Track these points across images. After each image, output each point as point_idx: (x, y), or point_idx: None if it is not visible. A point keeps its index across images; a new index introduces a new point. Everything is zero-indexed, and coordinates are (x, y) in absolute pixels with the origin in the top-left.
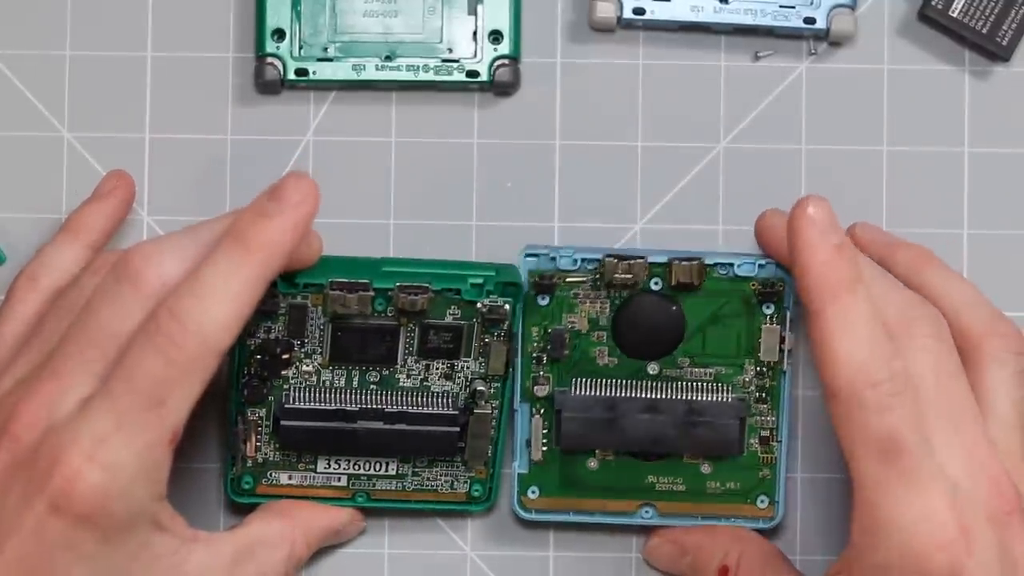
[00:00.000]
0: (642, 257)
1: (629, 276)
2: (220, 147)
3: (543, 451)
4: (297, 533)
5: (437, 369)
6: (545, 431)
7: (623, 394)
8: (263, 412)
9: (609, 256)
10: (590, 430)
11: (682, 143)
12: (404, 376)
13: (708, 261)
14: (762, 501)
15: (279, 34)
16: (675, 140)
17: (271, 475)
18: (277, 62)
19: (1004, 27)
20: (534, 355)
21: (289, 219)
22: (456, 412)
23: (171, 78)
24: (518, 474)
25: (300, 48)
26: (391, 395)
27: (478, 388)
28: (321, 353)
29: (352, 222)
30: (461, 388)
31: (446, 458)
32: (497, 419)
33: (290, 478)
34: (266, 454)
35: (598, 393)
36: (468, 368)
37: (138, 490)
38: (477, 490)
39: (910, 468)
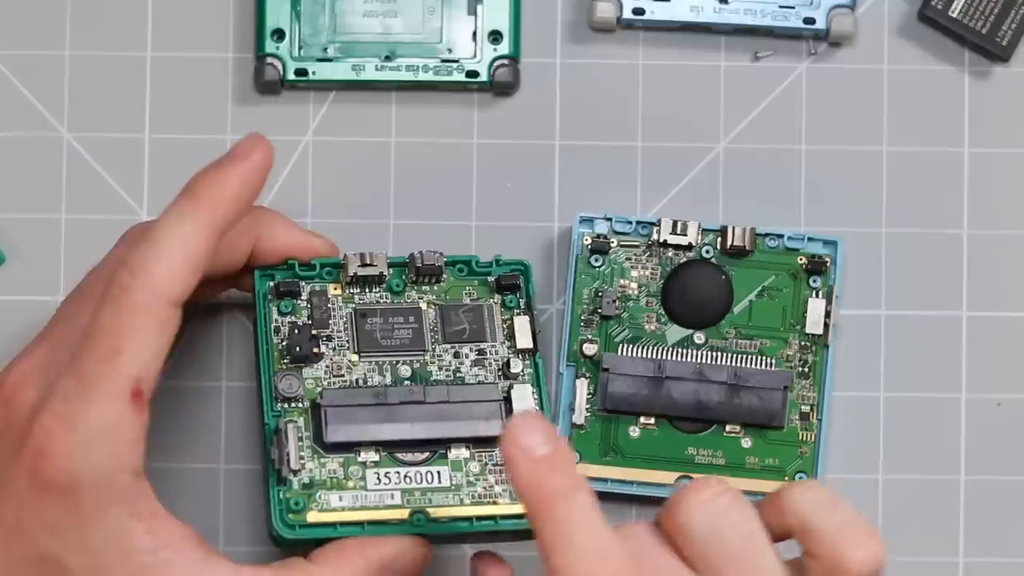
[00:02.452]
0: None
1: (684, 237)
2: (220, 147)
3: (585, 416)
4: None
5: (467, 356)
6: (589, 395)
7: (670, 358)
8: (301, 422)
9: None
10: (636, 391)
11: (682, 143)
12: (436, 368)
13: (759, 231)
14: (800, 478)
15: (279, 34)
16: (675, 140)
17: (321, 497)
18: (277, 62)
19: (1004, 27)
20: (583, 317)
21: (236, 169)
22: (494, 388)
23: (171, 78)
24: None
25: (300, 48)
26: (428, 390)
27: (511, 360)
28: (349, 346)
29: (352, 222)
30: (495, 375)
31: (490, 443)
32: (537, 398)
33: (340, 499)
34: (311, 471)
35: (646, 355)
36: (497, 352)
37: (101, 447)
38: None
39: None
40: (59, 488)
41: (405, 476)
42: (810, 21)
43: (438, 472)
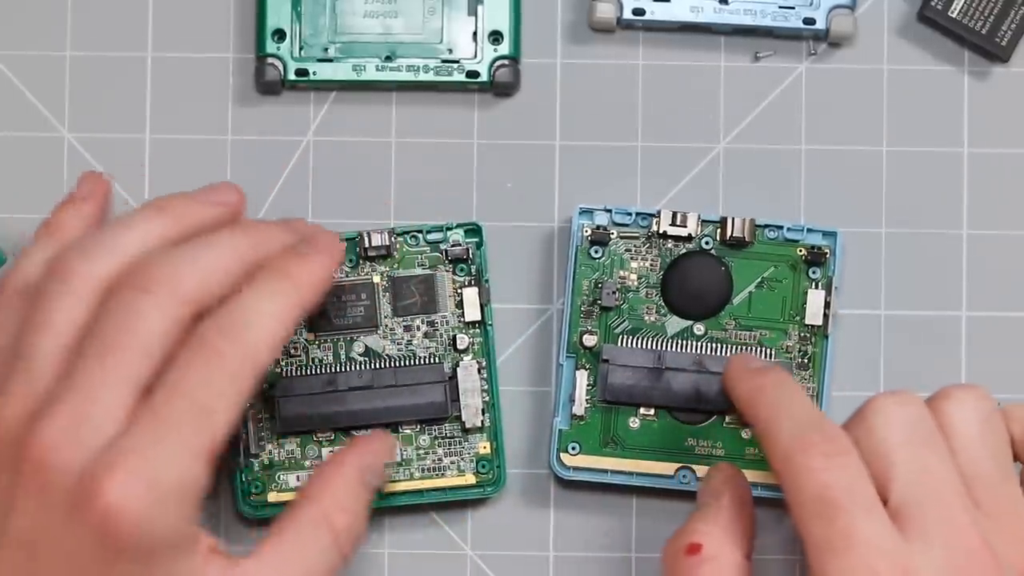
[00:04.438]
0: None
1: (684, 228)
2: (220, 147)
3: (585, 407)
4: (328, 507)
5: (419, 329)
6: (590, 386)
7: (670, 349)
8: (260, 406)
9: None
10: (636, 382)
11: (682, 143)
12: (388, 343)
13: (759, 222)
14: None
15: (279, 34)
16: (675, 140)
17: (280, 478)
18: (277, 62)
19: (1004, 27)
20: (583, 308)
21: (323, 259)
22: (441, 366)
23: (171, 78)
24: (559, 430)
25: (300, 48)
26: (379, 364)
27: (458, 336)
28: (304, 325)
29: (352, 222)
30: (446, 347)
31: (439, 420)
32: (487, 374)
33: (298, 479)
34: (271, 452)
35: (646, 347)
36: (448, 323)
37: (177, 506)
38: (483, 466)
39: (848, 527)
40: (132, 549)
41: None
42: (810, 21)
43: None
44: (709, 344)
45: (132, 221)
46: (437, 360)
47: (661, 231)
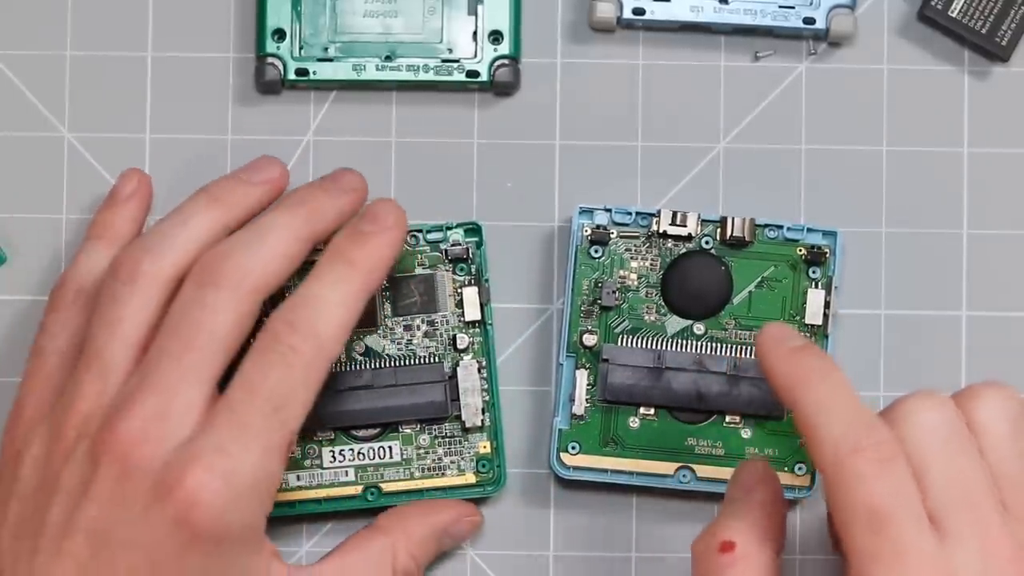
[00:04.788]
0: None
1: (684, 228)
2: (220, 147)
3: (585, 407)
4: (398, 546)
5: (419, 329)
6: (589, 385)
7: (670, 349)
8: None
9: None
10: (636, 382)
11: (682, 143)
12: (388, 342)
13: (759, 222)
14: (800, 469)
15: (279, 34)
16: (675, 140)
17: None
18: (278, 62)
19: (1003, 27)
20: (583, 308)
21: (386, 237)
22: (441, 365)
23: (171, 78)
24: (558, 430)
25: (300, 48)
26: (379, 364)
27: (458, 336)
28: None
29: None
30: (446, 347)
31: (439, 420)
32: (487, 374)
33: (299, 479)
34: None
35: (646, 346)
36: (448, 323)
37: (252, 500)
38: (484, 466)
39: (897, 538)
40: (209, 539)
41: (358, 452)
42: (810, 21)
43: (389, 447)
44: (709, 344)
45: (188, 215)
46: (437, 360)
47: (661, 231)
